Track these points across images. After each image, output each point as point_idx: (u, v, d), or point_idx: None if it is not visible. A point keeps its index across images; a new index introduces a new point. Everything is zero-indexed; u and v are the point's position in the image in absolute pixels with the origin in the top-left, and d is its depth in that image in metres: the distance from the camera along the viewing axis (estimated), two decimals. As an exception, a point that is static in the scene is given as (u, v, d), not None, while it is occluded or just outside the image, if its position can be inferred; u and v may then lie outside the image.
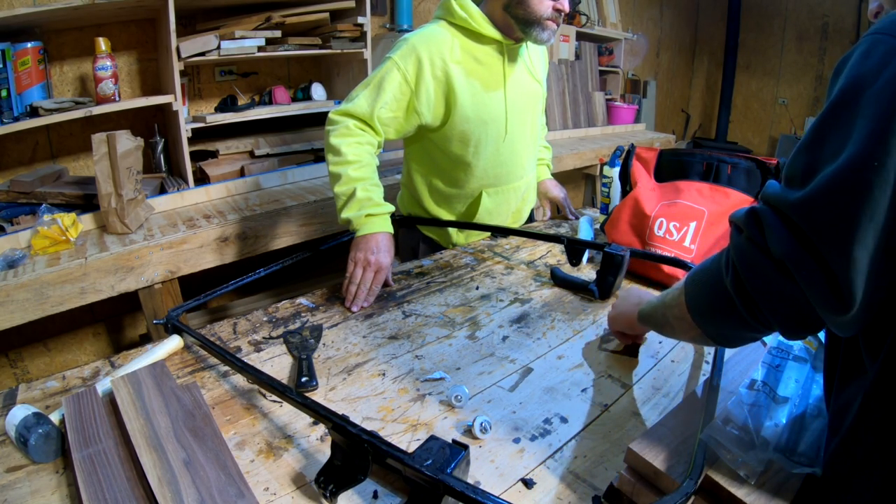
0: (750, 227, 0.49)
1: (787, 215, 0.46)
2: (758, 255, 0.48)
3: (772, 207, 0.48)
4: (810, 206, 0.44)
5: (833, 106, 0.45)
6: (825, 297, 0.44)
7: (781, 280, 0.46)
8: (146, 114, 1.93)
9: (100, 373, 0.85)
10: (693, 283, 0.59)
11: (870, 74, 0.43)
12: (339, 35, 2.11)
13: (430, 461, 0.56)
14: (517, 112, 1.32)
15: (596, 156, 2.97)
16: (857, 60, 0.45)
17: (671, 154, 1.27)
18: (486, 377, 0.84)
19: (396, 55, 1.19)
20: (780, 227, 0.46)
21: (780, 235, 0.46)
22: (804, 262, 0.44)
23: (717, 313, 0.55)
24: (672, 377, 0.85)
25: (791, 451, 0.57)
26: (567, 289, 1.16)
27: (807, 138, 0.47)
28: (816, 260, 0.44)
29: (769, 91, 4.74)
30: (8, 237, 1.46)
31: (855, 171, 0.42)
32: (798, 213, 0.45)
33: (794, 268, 0.45)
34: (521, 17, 1.19)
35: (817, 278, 0.44)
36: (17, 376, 1.95)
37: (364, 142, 1.18)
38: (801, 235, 0.44)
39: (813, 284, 0.44)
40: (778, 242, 0.46)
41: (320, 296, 1.13)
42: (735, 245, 0.51)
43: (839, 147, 0.43)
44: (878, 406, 0.49)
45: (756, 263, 0.48)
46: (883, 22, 0.45)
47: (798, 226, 0.45)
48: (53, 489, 0.62)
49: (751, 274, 0.48)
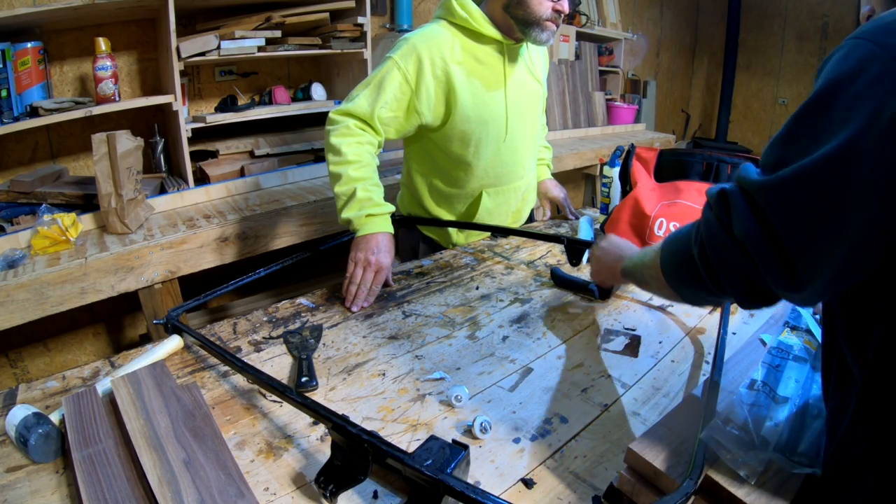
0: (719, 206, 0.53)
1: (753, 198, 0.49)
2: (722, 234, 0.51)
3: (741, 190, 0.51)
4: (775, 192, 0.47)
5: (809, 105, 0.47)
6: (779, 277, 0.48)
7: (741, 258, 0.50)
8: (146, 114, 1.93)
9: (100, 373, 0.85)
10: (667, 249, 0.64)
11: (846, 78, 0.45)
12: (339, 35, 2.11)
13: (430, 461, 0.56)
14: (518, 112, 1.32)
15: (596, 156, 2.97)
16: (836, 63, 0.47)
17: (671, 154, 1.27)
18: (486, 377, 0.84)
19: (397, 55, 1.19)
20: (746, 210, 0.49)
21: (744, 218, 0.49)
22: (762, 246, 0.48)
23: (686, 277, 0.60)
24: (672, 377, 0.85)
25: (791, 451, 0.57)
26: (567, 289, 1.16)
27: (781, 133, 0.50)
28: (773, 243, 0.47)
29: (769, 91, 4.74)
30: (8, 237, 1.46)
31: (821, 169, 0.44)
32: (762, 197, 0.48)
33: (752, 249, 0.48)
34: (521, 17, 1.19)
35: (773, 260, 0.47)
36: (17, 376, 1.95)
37: (364, 142, 1.18)
38: (763, 219, 0.48)
39: (768, 265, 0.48)
40: (741, 224, 0.49)
41: (320, 296, 1.13)
42: (705, 220, 0.55)
43: (810, 145, 0.46)
44: (870, 409, 0.49)
45: (720, 241, 0.52)
46: (866, 26, 0.46)
47: (761, 209, 0.48)
48: (53, 489, 0.62)
49: (714, 250, 0.53)
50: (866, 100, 0.42)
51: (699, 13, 4.88)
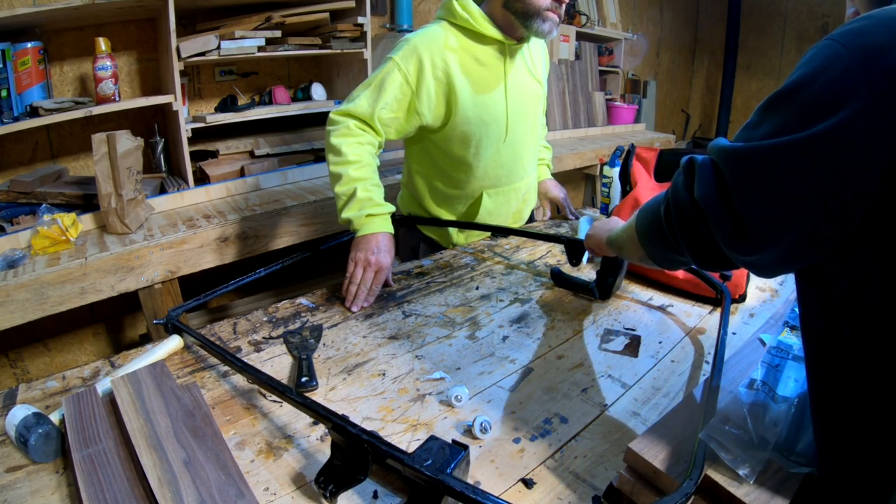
0: (685, 171, 0.56)
1: (717, 163, 0.52)
2: (684, 195, 0.56)
3: (710, 156, 0.54)
4: (736, 158, 0.50)
5: (775, 98, 0.51)
6: (729, 239, 0.51)
7: (696, 218, 0.54)
8: (146, 114, 1.93)
9: (100, 373, 0.85)
10: (642, 212, 0.69)
11: (810, 75, 0.47)
12: (339, 35, 2.11)
13: (429, 461, 0.56)
14: (518, 112, 1.32)
15: (596, 156, 2.97)
16: (806, 61, 0.50)
17: (671, 154, 1.27)
18: (486, 377, 0.84)
19: (397, 55, 1.19)
20: (709, 174, 0.53)
21: (704, 180, 0.53)
22: (716, 206, 0.51)
23: (655, 238, 0.65)
24: (672, 377, 0.85)
25: (790, 451, 0.58)
26: (567, 289, 1.16)
27: (750, 119, 0.53)
28: (727, 206, 0.51)
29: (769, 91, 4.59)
30: (8, 237, 1.46)
31: (780, 148, 0.47)
32: (724, 160, 0.51)
33: (706, 210, 0.52)
34: (521, 10, 1.19)
35: (724, 221, 0.51)
36: (17, 376, 1.95)
37: (365, 142, 1.18)
38: (721, 182, 0.51)
39: (720, 226, 0.51)
40: (700, 186, 0.53)
41: (320, 296, 1.13)
42: (673, 183, 0.59)
43: (771, 132, 0.49)
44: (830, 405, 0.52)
45: (681, 202, 0.56)
46: (839, 29, 0.49)
47: (722, 174, 0.51)
48: (53, 489, 0.62)
49: (676, 210, 0.57)
50: (827, 97, 0.45)
51: (699, 13, 4.88)
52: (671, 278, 1.13)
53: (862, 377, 0.49)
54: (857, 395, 0.50)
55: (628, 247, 0.76)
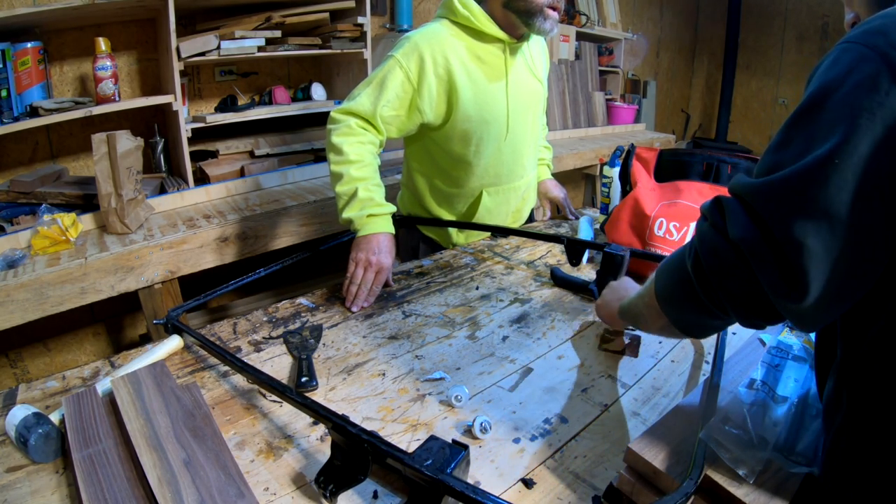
0: (713, 213, 0.51)
1: (747, 201, 0.47)
2: (717, 239, 0.49)
3: (736, 196, 0.50)
4: (769, 192, 0.46)
5: (801, 111, 0.47)
6: (777, 283, 0.45)
7: (737, 263, 0.48)
8: (146, 114, 1.93)
9: (100, 373, 0.85)
10: (660, 270, 0.61)
11: (836, 80, 0.45)
12: (339, 35, 2.11)
13: (430, 461, 0.56)
14: (519, 111, 1.32)
15: (596, 156, 2.97)
16: (826, 68, 0.47)
17: (671, 154, 1.26)
18: (486, 377, 0.84)
19: (399, 53, 1.19)
20: (741, 213, 0.48)
21: (738, 220, 0.47)
22: (758, 245, 0.46)
23: (680, 298, 0.56)
24: (672, 377, 0.85)
25: (789, 451, 0.58)
26: (567, 289, 1.16)
27: (775, 140, 0.49)
28: (770, 244, 0.45)
29: (769, 91, 4.74)
30: (8, 237, 1.46)
31: (815, 167, 0.43)
32: (756, 198, 0.47)
33: (748, 250, 0.46)
34: (523, 8, 1.19)
35: (769, 262, 0.45)
36: (17, 376, 1.95)
37: (366, 141, 1.18)
38: (759, 220, 0.46)
39: (765, 268, 0.46)
40: (736, 226, 0.48)
41: (320, 296, 1.13)
42: (698, 231, 0.53)
43: (803, 148, 0.45)
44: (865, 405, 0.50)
45: (715, 246, 0.50)
46: (854, 32, 0.47)
47: (756, 211, 0.46)
48: (53, 489, 0.62)
49: (709, 256, 0.50)
50: (859, 99, 0.43)
51: (699, 13, 4.88)
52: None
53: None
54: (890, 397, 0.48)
55: (647, 316, 0.65)
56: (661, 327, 0.62)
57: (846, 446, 0.52)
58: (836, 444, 0.53)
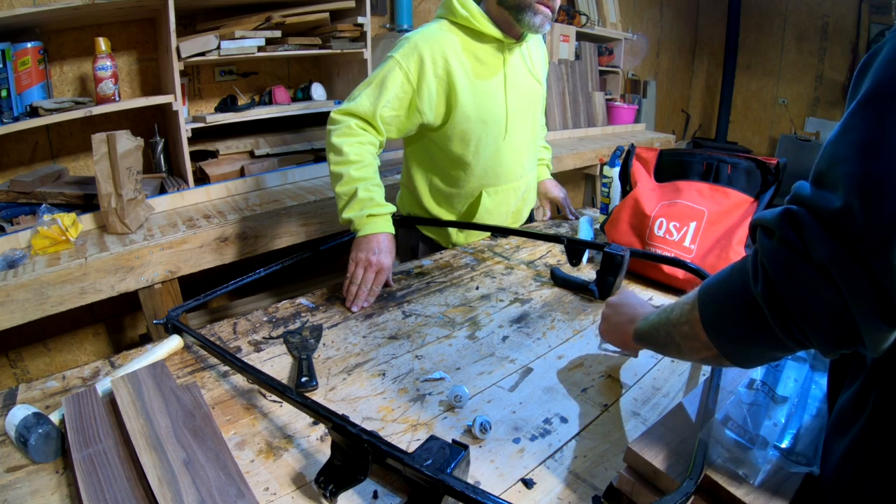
0: (784, 228, 0.44)
1: (828, 220, 0.41)
2: (796, 260, 0.43)
3: (809, 211, 0.43)
4: (849, 213, 0.40)
5: (867, 101, 0.42)
6: (870, 308, 0.40)
7: (824, 287, 0.41)
8: (146, 114, 1.93)
9: (100, 373, 0.85)
10: (709, 296, 0.52)
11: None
12: (339, 35, 2.11)
13: (430, 461, 0.56)
14: (517, 111, 1.32)
15: (596, 156, 2.97)
16: (894, 55, 0.41)
17: (671, 154, 1.26)
18: (486, 377, 0.84)
19: (398, 54, 1.19)
20: (820, 230, 0.41)
21: (821, 238, 0.41)
22: (850, 266, 0.40)
23: (741, 329, 0.49)
24: (672, 377, 0.85)
25: (789, 451, 0.57)
26: (567, 289, 1.16)
27: (838, 132, 0.44)
28: (862, 266, 0.39)
29: (769, 91, 4.74)
30: (8, 237, 1.46)
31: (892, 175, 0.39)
32: (838, 221, 0.41)
33: (838, 273, 0.40)
34: (513, 3, 1.19)
35: (863, 286, 0.40)
36: (17, 376, 1.95)
37: (366, 141, 1.18)
38: (844, 239, 0.40)
39: (857, 291, 0.40)
40: (821, 245, 0.41)
41: (320, 296, 1.13)
42: (767, 250, 0.45)
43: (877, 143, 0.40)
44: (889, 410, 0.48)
45: (795, 269, 0.43)
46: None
47: (841, 231, 0.41)
48: (53, 489, 0.62)
49: (788, 281, 0.43)
50: None
51: (699, 13, 4.88)
52: (671, 278, 1.13)
53: None
54: None
55: (683, 346, 0.57)
56: (704, 358, 0.55)
57: (864, 450, 0.50)
58: (853, 448, 0.51)
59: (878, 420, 0.49)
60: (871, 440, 0.49)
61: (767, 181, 1.13)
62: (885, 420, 0.48)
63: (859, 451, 0.50)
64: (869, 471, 0.50)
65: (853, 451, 0.51)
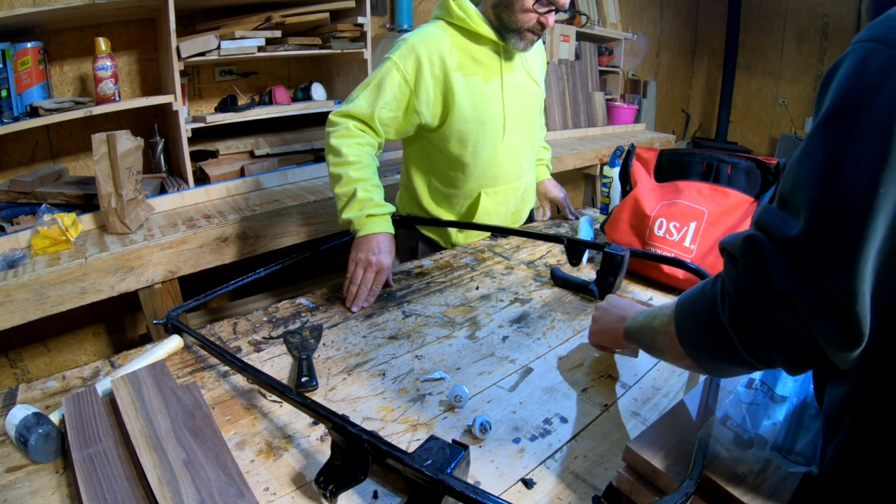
0: (747, 256, 0.45)
1: (788, 250, 0.43)
2: (759, 288, 0.44)
3: (770, 238, 0.45)
4: (808, 240, 0.41)
5: (828, 119, 0.42)
6: (831, 332, 0.41)
7: (785, 314, 0.43)
8: (146, 114, 1.93)
9: (100, 373, 0.85)
10: (684, 314, 0.55)
11: (868, 89, 0.40)
12: (339, 35, 2.11)
13: (430, 461, 0.56)
14: (515, 112, 1.32)
15: (596, 156, 2.97)
16: (853, 70, 0.42)
17: (671, 154, 1.26)
18: (486, 377, 0.85)
19: (395, 55, 1.20)
20: (780, 259, 0.43)
21: (780, 267, 0.43)
22: (808, 293, 0.41)
23: (711, 347, 0.51)
24: (672, 377, 0.85)
25: (788, 451, 0.57)
26: (567, 289, 1.16)
27: (801, 153, 0.45)
28: (821, 292, 0.41)
29: (769, 91, 4.74)
30: (8, 237, 1.46)
31: (857, 197, 0.39)
32: (797, 249, 0.42)
33: (798, 300, 0.42)
34: (505, 21, 1.21)
35: (823, 311, 0.41)
36: (17, 376, 1.95)
37: (364, 143, 1.18)
38: (803, 267, 0.42)
39: (818, 318, 0.41)
40: (780, 274, 0.43)
41: (320, 296, 1.13)
42: (732, 277, 0.47)
43: (836, 166, 0.41)
44: (873, 411, 0.48)
45: (756, 297, 0.44)
46: (875, 28, 0.42)
47: (801, 262, 0.42)
48: (53, 489, 0.62)
49: (751, 308, 0.45)
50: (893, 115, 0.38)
51: (699, 13, 4.88)
52: (671, 278, 1.13)
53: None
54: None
55: (667, 353, 0.59)
56: (686, 365, 0.58)
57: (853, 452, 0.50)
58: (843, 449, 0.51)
59: (865, 421, 0.49)
60: (858, 441, 0.50)
61: (767, 181, 1.13)
62: (871, 421, 0.49)
63: (849, 452, 0.51)
64: (861, 472, 0.50)
65: (843, 451, 0.52)
